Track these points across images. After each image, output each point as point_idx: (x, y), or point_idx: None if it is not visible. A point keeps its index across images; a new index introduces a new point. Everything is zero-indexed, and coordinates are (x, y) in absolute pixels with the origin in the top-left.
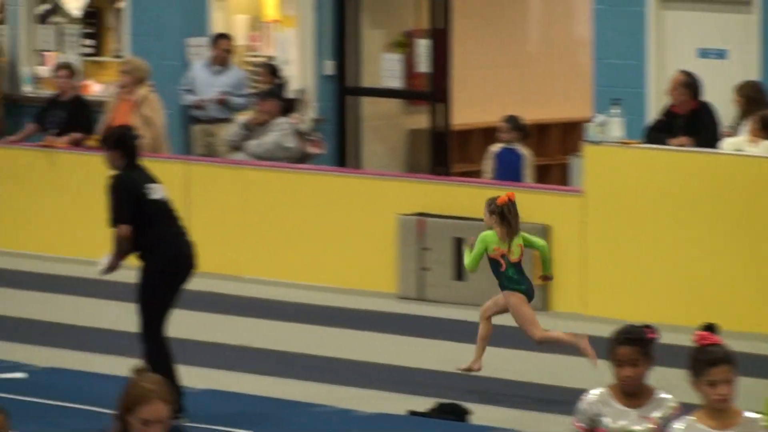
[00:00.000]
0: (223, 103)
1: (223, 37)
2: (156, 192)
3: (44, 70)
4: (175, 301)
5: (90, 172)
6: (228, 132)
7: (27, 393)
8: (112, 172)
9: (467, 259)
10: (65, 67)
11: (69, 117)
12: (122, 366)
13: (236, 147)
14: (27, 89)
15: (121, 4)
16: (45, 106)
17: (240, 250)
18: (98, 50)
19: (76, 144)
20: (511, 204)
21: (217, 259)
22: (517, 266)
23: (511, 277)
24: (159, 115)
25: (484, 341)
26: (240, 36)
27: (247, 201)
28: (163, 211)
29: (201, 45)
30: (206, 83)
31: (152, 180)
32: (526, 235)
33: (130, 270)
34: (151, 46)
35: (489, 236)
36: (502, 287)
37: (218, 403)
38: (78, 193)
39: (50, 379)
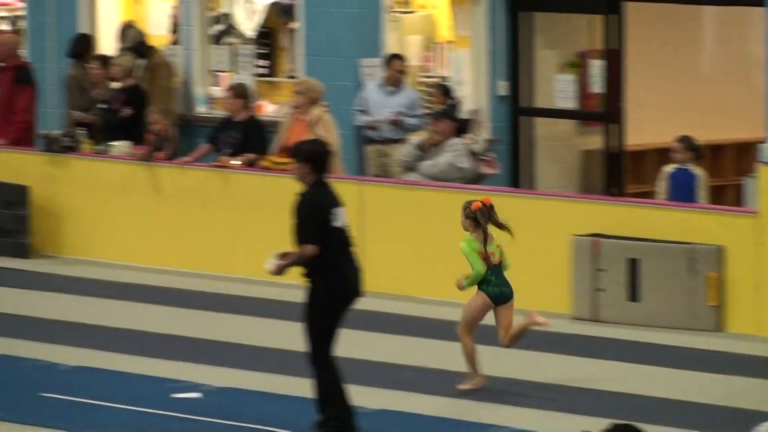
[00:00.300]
0: (396, 124)
1: (396, 57)
2: (339, 219)
3: (218, 91)
4: (341, 323)
5: (263, 193)
6: (402, 152)
7: (202, 413)
8: (300, 190)
9: (472, 278)
10: (232, 89)
11: (243, 137)
12: (294, 386)
13: (410, 167)
14: (201, 110)
15: (295, 25)
16: (219, 127)
17: (413, 271)
18: (272, 70)
19: (250, 164)
20: (485, 208)
21: (391, 279)
22: (497, 268)
23: (487, 278)
24: (333, 135)
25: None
26: (414, 56)
27: (420, 221)
28: (341, 239)
29: (374, 65)
30: (380, 104)
31: (337, 202)
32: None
33: (298, 290)
34: (325, 67)
35: (472, 242)
36: (479, 287)
37: (393, 423)
38: (251, 214)
39: (225, 399)
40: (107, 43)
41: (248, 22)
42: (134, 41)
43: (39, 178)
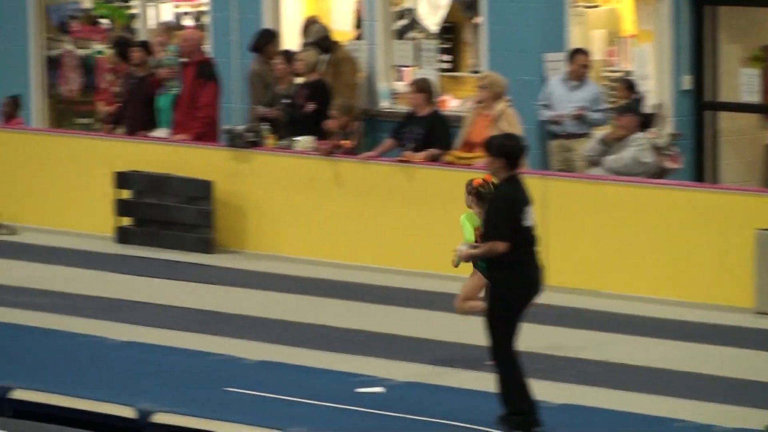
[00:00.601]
0: (580, 119)
1: (580, 52)
2: (529, 218)
3: (401, 86)
4: (522, 318)
5: (447, 188)
6: (585, 147)
7: (385, 408)
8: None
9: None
10: (415, 84)
11: (426, 132)
12: (477, 381)
13: (594, 162)
14: (384, 105)
15: (479, 20)
16: (402, 122)
17: (596, 265)
18: (455, 65)
19: (433, 159)
20: (486, 185)
21: (574, 273)
22: None
23: None
24: (516, 130)
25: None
26: (597, 51)
27: (604, 216)
28: (528, 238)
29: (558, 60)
30: (563, 98)
31: (528, 199)
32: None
33: None
34: (509, 61)
35: (471, 217)
36: (474, 264)
37: (576, 418)
38: (434, 209)
39: (408, 393)
40: (291, 39)
41: (432, 17)
42: (318, 36)
43: (223, 174)
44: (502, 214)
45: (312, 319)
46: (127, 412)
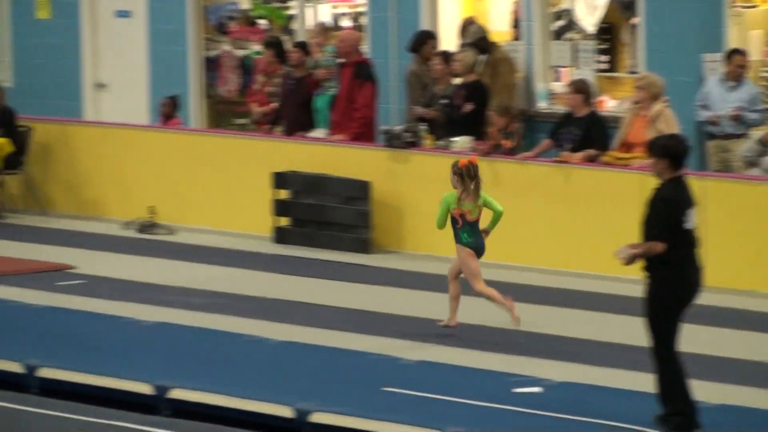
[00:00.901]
0: (737, 119)
1: (737, 52)
2: (691, 221)
3: (559, 87)
4: (683, 318)
5: (604, 188)
6: (743, 148)
7: (543, 408)
8: (656, 185)
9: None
10: (573, 84)
11: (584, 133)
12: (635, 381)
13: (752, 162)
14: (542, 105)
15: (636, 20)
16: (560, 122)
17: (754, 265)
18: (613, 66)
19: (591, 160)
20: (471, 166)
21: (731, 274)
22: (473, 225)
23: (466, 233)
24: (674, 130)
25: (456, 300)
26: (755, 51)
27: (761, 216)
28: (689, 240)
29: (716, 60)
30: (720, 99)
31: (692, 201)
32: (487, 197)
33: (638, 285)
34: (667, 62)
35: (449, 197)
36: (457, 240)
37: (735, 418)
38: (592, 209)
39: (566, 393)
40: (449, 39)
41: (589, 18)
42: (476, 37)
43: (380, 174)
44: (663, 214)
45: (468, 319)
46: (286, 411)
